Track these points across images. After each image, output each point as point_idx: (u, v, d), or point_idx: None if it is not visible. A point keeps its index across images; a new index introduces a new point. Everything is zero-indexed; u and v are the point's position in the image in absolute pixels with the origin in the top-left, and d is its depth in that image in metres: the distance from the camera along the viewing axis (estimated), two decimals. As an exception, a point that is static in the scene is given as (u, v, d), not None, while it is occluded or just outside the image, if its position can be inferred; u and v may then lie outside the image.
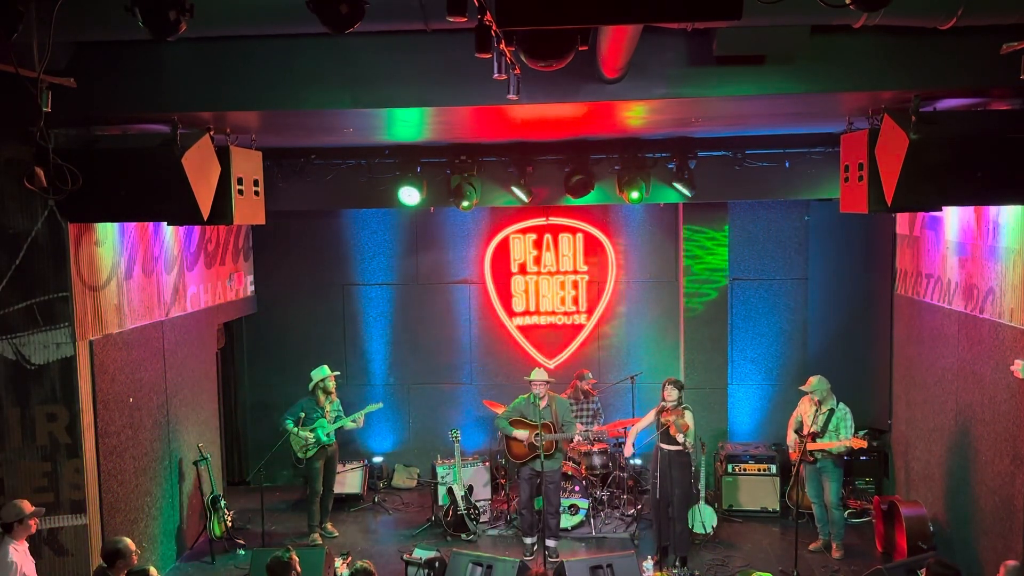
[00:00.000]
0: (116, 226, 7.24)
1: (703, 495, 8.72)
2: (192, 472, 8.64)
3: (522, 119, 6.85)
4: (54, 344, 6.58)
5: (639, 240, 10.51)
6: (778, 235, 10.31)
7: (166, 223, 7.66)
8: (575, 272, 10.57)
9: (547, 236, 10.55)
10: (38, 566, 6.06)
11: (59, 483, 6.66)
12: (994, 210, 6.88)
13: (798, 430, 8.06)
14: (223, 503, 8.63)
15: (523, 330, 10.64)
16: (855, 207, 6.33)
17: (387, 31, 5.37)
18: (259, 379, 10.71)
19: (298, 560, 5.66)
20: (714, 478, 9.51)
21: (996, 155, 5.51)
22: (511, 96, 4.53)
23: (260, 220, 7.16)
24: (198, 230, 8.87)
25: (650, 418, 8.07)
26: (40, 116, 4.28)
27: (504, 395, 9.89)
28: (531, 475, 8.25)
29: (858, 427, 8.17)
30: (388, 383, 10.76)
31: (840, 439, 7.86)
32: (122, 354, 7.30)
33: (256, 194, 6.94)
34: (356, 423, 9.00)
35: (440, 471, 9.55)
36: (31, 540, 5.98)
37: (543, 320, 10.62)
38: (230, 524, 8.62)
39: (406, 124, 7.13)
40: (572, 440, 8.73)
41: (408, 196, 8.87)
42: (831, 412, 7.92)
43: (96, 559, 6.41)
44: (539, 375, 8.39)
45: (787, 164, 8.87)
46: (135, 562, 5.58)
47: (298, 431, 8.64)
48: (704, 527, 8.61)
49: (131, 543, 5.63)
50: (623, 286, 10.57)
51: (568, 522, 8.81)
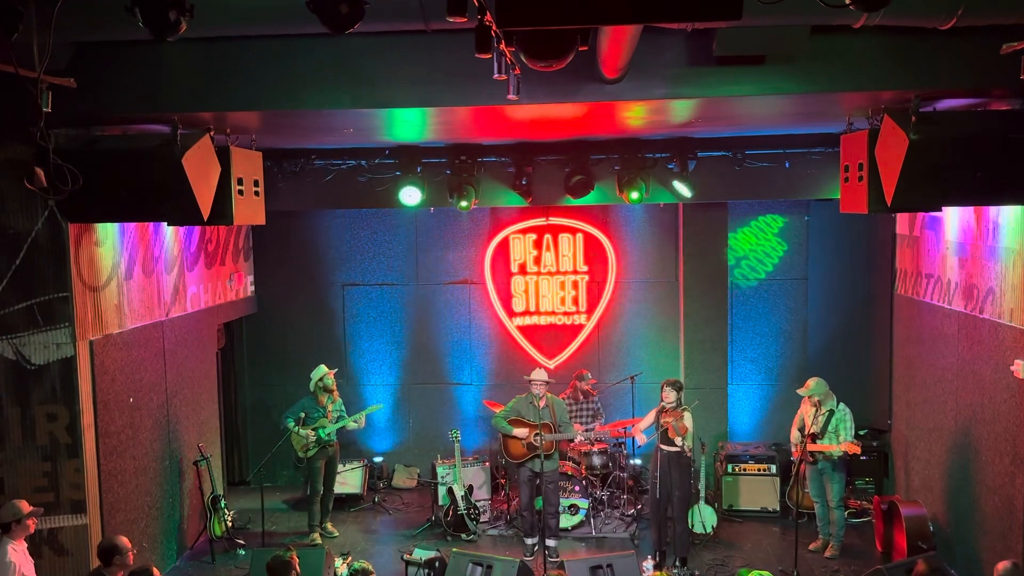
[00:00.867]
0: (116, 226, 7.24)
1: (703, 495, 8.72)
2: (192, 472, 8.64)
3: (522, 119, 6.84)
4: (54, 344, 6.58)
5: (639, 240, 10.51)
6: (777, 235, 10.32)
7: (166, 223, 7.65)
8: (575, 272, 10.57)
9: (547, 236, 10.55)
10: (38, 566, 6.06)
11: (59, 483, 6.66)
12: (994, 210, 6.88)
13: (801, 429, 8.06)
14: (223, 503, 8.63)
15: (523, 330, 10.64)
16: (855, 207, 6.33)
17: (387, 31, 5.37)
18: (259, 379, 10.71)
19: (298, 560, 5.66)
20: (714, 478, 9.51)
21: (996, 155, 5.51)
22: (511, 96, 4.53)
23: (260, 220, 7.17)
24: (198, 230, 8.86)
25: (651, 418, 8.07)
26: (40, 116, 4.27)
27: (504, 395, 9.90)
28: (530, 476, 8.25)
29: (858, 427, 8.18)
30: (388, 383, 10.76)
31: (840, 440, 7.86)
32: (122, 354, 7.30)
33: (256, 194, 6.94)
34: (357, 423, 9.00)
35: (440, 471, 9.56)
36: (31, 540, 5.98)
37: (543, 320, 10.62)
38: (230, 524, 8.63)
39: (406, 124, 7.13)
40: (572, 440, 8.72)
41: (408, 196, 8.87)
42: (831, 413, 7.93)
43: (96, 559, 6.40)
44: (539, 375, 8.39)
45: (787, 164, 8.87)
46: (131, 561, 5.57)
47: (299, 430, 8.64)
48: (704, 527, 8.61)
49: (127, 541, 5.62)
50: (623, 286, 10.56)
51: (568, 522, 8.81)
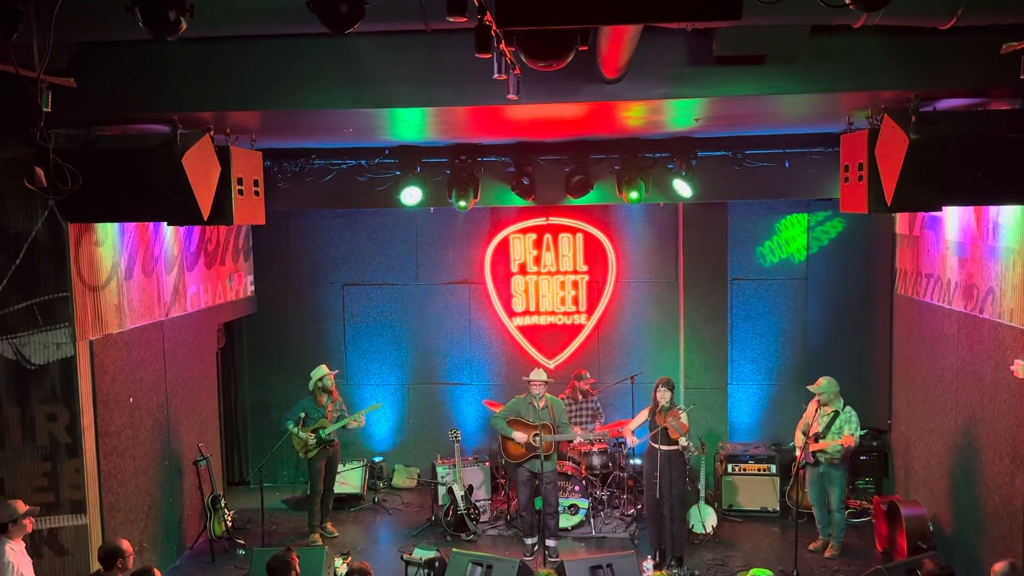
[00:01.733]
0: (116, 226, 7.24)
1: (703, 495, 8.72)
2: (192, 472, 8.64)
3: (522, 119, 6.84)
4: (54, 344, 6.58)
5: (639, 240, 10.50)
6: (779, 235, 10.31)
7: (166, 223, 7.66)
8: (575, 272, 10.56)
9: (547, 236, 10.54)
10: (38, 566, 6.06)
11: (59, 483, 6.66)
12: (994, 210, 6.88)
13: (805, 431, 8.06)
14: (223, 503, 8.63)
15: (523, 330, 10.63)
16: (855, 207, 6.33)
17: (387, 31, 5.37)
18: (259, 379, 10.71)
19: (298, 560, 5.66)
20: (714, 478, 9.51)
21: (996, 155, 5.51)
22: (511, 96, 4.53)
23: (260, 220, 7.17)
24: (198, 230, 8.86)
25: (642, 418, 8.06)
26: (40, 116, 4.27)
27: (504, 395, 9.91)
28: (528, 476, 8.25)
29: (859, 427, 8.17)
30: (388, 383, 10.75)
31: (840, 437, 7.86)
32: (122, 354, 7.30)
33: (256, 194, 6.94)
34: (358, 423, 9.00)
35: (440, 471, 9.55)
36: (30, 540, 5.98)
37: (543, 320, 10.61)
38: (230, 524, 8.62)
39: (406, 124, 7.12)
40: (572, 441, 8.72)
41: (409, 196, 8.87)
42: (835, 415, 7.91)
43: (96, 559, 6.40)
44: (538, 375, 8.39)
45: (787, 164, 8.87)
46: (131, 564, 5.56)
47: (299, 431, 8.63)
48: (704, 527, 8.61)
49: (128, 544, 5.61)
50: (623, 286, 10.56)
51: (568, 522, 8.81)
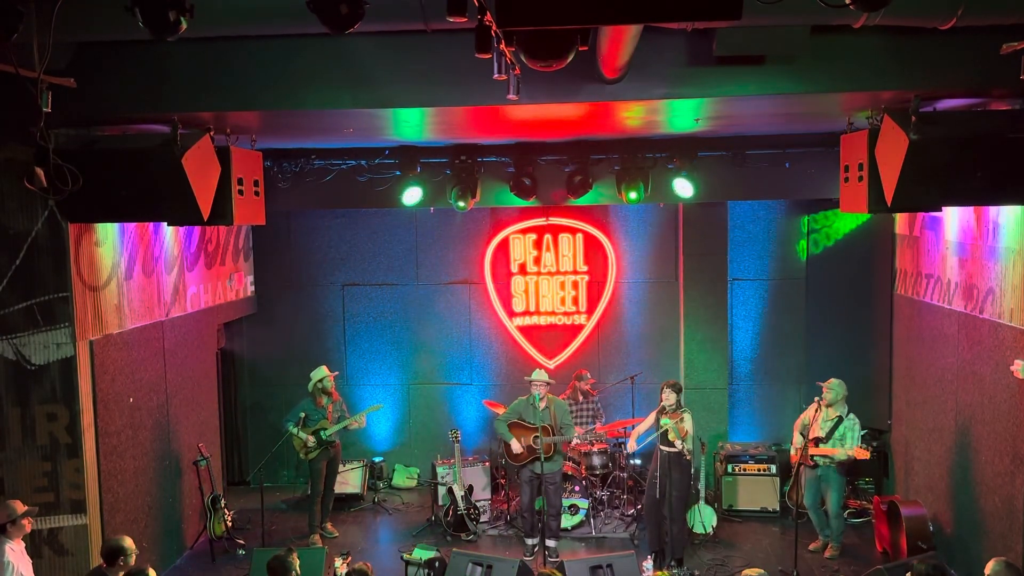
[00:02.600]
0: (116, 226, 7.24)
1: (703, 495, 8.72)
2: (192, 472, 8.63)
3: (522, 119, 6.84)
4: (54, 344, 6.58)
5: (639, 240, 10.50)
6: (778, 235, 10.31)
7: (166, 223, 7.66)
8: (575, 272, 10.56)
9: (547, 236, 10.54)
10: (38, 566, 6.06)
11: (59, 483, 6.66)
12: (994, 210, 6.88)
13: (803, 432, 8.04)
14: (223, 503, 8.63)
15: (523, 330, 10.63)
16: (855, 207, 6.33)
17: (387, 31, 5.37)
18: (259, 379, 10.71)
19: (298, 560, 5.65)
20: (714, 478, 9.51)
21: (996, 155, 5.51)
22: (511, 96, 4.52)
23: (260, 220, 7.17)
24: (198, 230, 8.87)
25: (650, 420, 8.07)
26: (40, 116, 4.27)
27: (504, 395, 9.91)
28: (531, 477, 8.25)
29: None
30: (388, 383, 10.76)
31: (846, 447, 7.83)
32: (122, 354, 7.30)
33: (256, 194, 6.94)
34: (358, 424, 9.00)
35: (440, 471, 9.55)
36: (30, 540, 5.98)
37: (543, 320, 10.61)
38: (230, 524, 8.62)
39: (406, 124, 7.12)
40: (571, 442, 8.72)
41: (409, 196, 8.87)
42: (839, 420, 7.89)
43: (96, 559, 6.40)
44: (539, 376, 8.39)
45: (787, 164, 8.87)
46: (134, 562, 5.56)
47: (299, 433, 8.63)
48: (704, 527, 8.61)
49: (132, 543, 5.62)
50: (623, 286, 10.56)
51: (568, 522, 8.81)
